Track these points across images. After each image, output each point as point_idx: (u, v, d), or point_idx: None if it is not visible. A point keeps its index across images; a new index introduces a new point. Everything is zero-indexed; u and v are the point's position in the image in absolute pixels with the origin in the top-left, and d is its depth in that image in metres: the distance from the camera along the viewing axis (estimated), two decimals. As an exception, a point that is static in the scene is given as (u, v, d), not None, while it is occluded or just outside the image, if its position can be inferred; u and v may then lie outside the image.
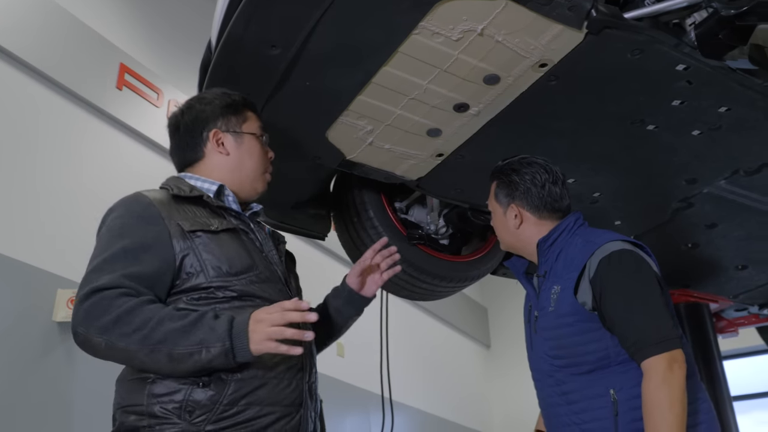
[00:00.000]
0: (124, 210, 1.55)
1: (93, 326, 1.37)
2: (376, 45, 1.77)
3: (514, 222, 1.98)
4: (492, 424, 9.39)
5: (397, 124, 2.08)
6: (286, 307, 1.39)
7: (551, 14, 1.66)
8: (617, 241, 1.78)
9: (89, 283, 1.41)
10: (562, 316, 1.82)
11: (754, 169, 2.33)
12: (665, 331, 1.66)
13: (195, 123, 1.73)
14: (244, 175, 1.72)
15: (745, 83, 1.91)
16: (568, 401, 1.83)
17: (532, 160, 1.98)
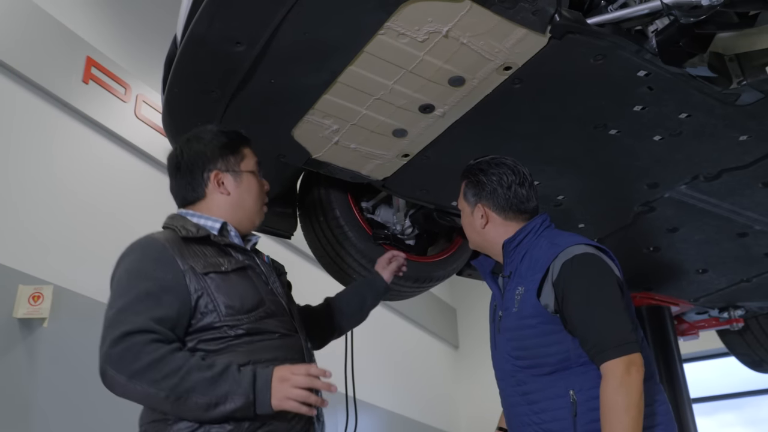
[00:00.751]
0: (141, 253, 1.63)
1: (125, 371, 1.45)
2: (342, 44, 1.77)
3: (480, 222, 1.99)
4: (459, 424, 9.44)
5: (363, 123, 2.09)
6: (312, 372, 1.50)
7: (515, 18, 1.68)
8: (581, 245, 1.80)
9: (119, 326, 1.49)
10: (525, 317, 1.83)
11: (714, 175, 2.37)
12: (624, 335, 1.68)
13: (195, 164, 1.77)
14: (245, 212, 1.80)
15: (704, 90, 1.95)
16: (529, 401, 1.84)
17: (501, 160, 1.98)
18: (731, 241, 2.81)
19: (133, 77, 5.03)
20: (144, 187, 5.05)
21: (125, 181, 4.90)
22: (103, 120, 4.70)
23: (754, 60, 1.97)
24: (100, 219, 4.59)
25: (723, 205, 2.55)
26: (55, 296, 3.96)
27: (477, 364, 9.70)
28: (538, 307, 1.79)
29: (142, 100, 5.05)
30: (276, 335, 1.63)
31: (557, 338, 1.78)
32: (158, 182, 5.18)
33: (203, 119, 2.03)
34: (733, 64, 1.98)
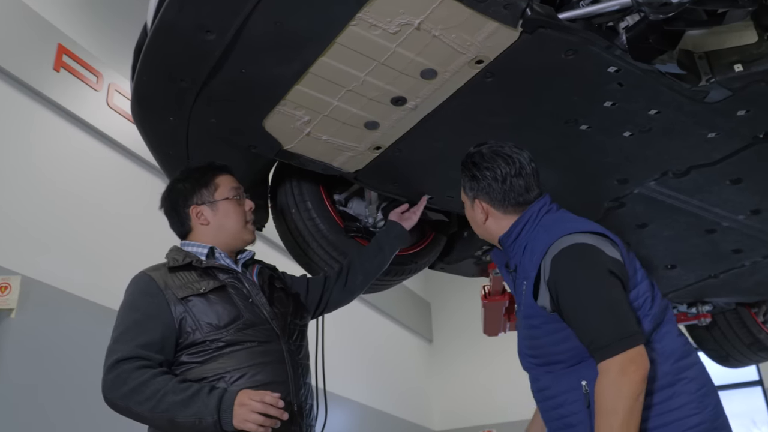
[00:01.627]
0: (134, 288, 1.93)
1: (117, 394, 1.74)
2: (314, 35, 1.76)
3: (480, 217, 1.96)
4: (432, 418, 9.48)
5: (335, 115, 2.07)
6: (267, 401, 1.70)
7: (487, 11, 1.68)
8: (570, 234, 1.74)
9: (112, 355, 1.78)
10: (529, 317, 1.82)
11: (683, 172, 2.40)
12: (619, 330, 1.61)
13: (177, 203, 2.09)
14: (228, 234, 2.06)
15: (673, 87, 1.97)
16: (545, 397, 1.84)
17: (496, 150, 1.91)
18: (700, 237, 2.84)
19: (106, 66, 4.96)
20: (116, 177, 5.00)
21: (96, 171, 4.84)
22: (74, 109, 4.64)
23: (723, 58, 1.99)
24: (70, 209, 4.53)
25: (692, 201, 2.58)
26: (23, 287, 3.90)
27: (451, 359, 9.75)
28: (536, 308, 1.77)
29: (115, 89, 4.99)
30: (255, 343, 1.88)
31: (564, 335, 1.74)
32: (130, 172, 5.13)
33: (172, 108, 2.01)
34: (703, 61, 1.99)
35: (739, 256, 3.01)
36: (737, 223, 2.73)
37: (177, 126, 2.09)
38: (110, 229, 4.79)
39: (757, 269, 3.13)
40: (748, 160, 2.32)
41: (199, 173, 2.10)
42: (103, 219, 4.75)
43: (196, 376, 1.81)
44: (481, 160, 1.92)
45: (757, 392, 7.99)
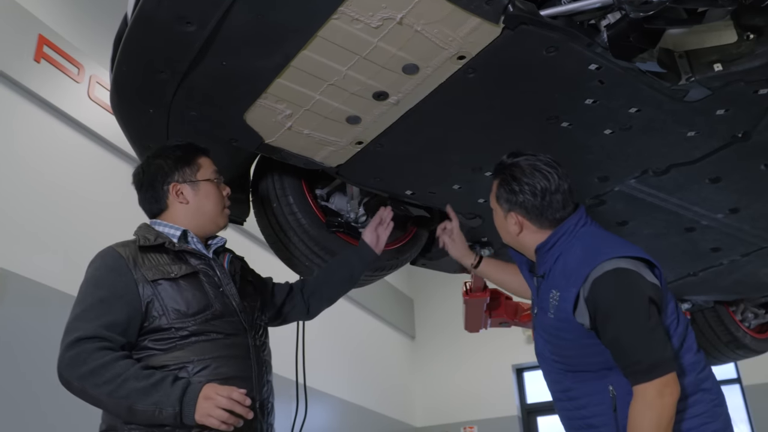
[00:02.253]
0: (100, 263, 1.84)
1: (73, 374, 1.65)
2: (295, 28, 1.75)
3: (514, 228, 2.00)
4: (414, 414, 9.50)
5: (317, 109, 2.07)
6: (235, 397, 1.65)
7: (469, 7, 1.68)
8: (613, 259, 1.79)
9: (73, 332, 1.69)
10: (561, 329, 1.87)
11: (663, 170, 2.41)
12: (656, 356, 1.70)
13: (155, 179, 1.99)
14: (206, 217, 2.00)
15: (654, 86, 1.98)
16: (569, 397, 1.90)
17: (535, 165, 1.95)
18: (679, 235, 2.86)
19: (87, 57, 4.92)
20: (96, 169, 4.95)
21: (77, 163, 4.80)
22: (54, 100, 4.59)
23: (703, 57, 2.00)
24: (50, 202, 4.49)
25: (671, 199, 2.59)
26: (1, 280, 3.86)
27: (433, 355, 9.78)
28: (573, 324, 1.82)
29: (96, 81, 4.95)
30: (221, 335, 1.82)
31: (596, 350, 1.81)
32: (111, 165, 5.09)
33: (152, 99, 1.99)
34: (683, 60, 2.01)
35: (717, 255, 3.04)
36: (716, 222, 2.75)
37: (157, 118, 2.08)
38: (91, 221, 4.74)
39: (735, 268, 3.16)
40: (727, 159, 2.34)
41: (181, 151, 2.03)
42: (84, 211, 4.71)
43: (157, 363, 1.73)
44: (521, 174, 1.95)
45: (735, 390, 8.07)
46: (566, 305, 1.82)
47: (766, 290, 3.56)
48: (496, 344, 8.82)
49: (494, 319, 3.67)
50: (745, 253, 3.04)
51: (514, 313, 3.71)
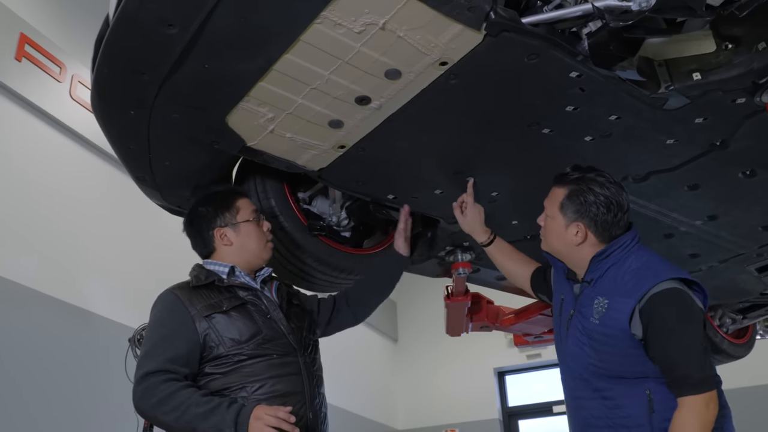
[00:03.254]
0: (161, 306, 2.08)
1: (146, 405, 1.90)
2: (278, 31, 1.75)
3: (575, 239, 2.05)
4: (396, 417, 9.50)
5: (299, 113, 2.07)
6: (281, 416, 1.82)
7: (451, 13, 1.68)
8: (669, 280, 1.89)
9: (142, 368, 1.94)
10: (609, 336, 1.93)
11: (642, 177, 2.44)
12: (705, 372, 1.82)
13: (201, 226, 2.23)
14: (250, 254, 2.22)
15: (633, 94, 2.00)
16: (603, 397, 1.97)
17: (609, 180, 2.04)
18: (658, 241, 2.89)
19: (69, 57, 4.88)
20: (77, 170, 4.92)
21: (58, 163, 4.76)
22: (35, 100, 4.55)
23: (682, 66, 2.03)
24: (29, 201, 4.44)
25: (650, 206, 2.62)
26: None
27: (415, 358, 9.78)
28: (627, 333, 1.90)
29: (78, 81, 4.91)
30: (274, 356, 2.04)
31: (638, 360, 1.90)
32: (92, 165, 5.05)
33: (133, 102, 1.98)
34: (662, 69, 2.03)
35: (696, 261, 3.07)
36: (694, 228, 2.78)
37: (138, 120, 2.06)
38: (70, 222, 4.71)
39: (713, 274, 3.20)
40: (705, 166, 2.37)
41: (220, 197, 2.26)
42: (63, 212, 4.67)
43: (219, 386, 1.97)
44: (599, 187, 2.02)
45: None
46: (618, 315, 1.90)
47: (743, 296, 3.59)
48: (478, 348, 8.83)
49: (475, 323, 3.67)
50: (723, 259, 3.08)
51: (495, 317, 3.72)
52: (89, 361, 4.52)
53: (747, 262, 3.11)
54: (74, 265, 4.67)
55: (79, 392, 4.41)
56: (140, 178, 2.44)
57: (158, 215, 2.94)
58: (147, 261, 5.17)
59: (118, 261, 5.00)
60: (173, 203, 2.58)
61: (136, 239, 5.19)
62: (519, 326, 3.81)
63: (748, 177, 2.44)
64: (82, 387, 4.43)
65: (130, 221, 5.11)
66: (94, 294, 4.76)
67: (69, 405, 4.31)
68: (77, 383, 4.41)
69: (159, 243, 5.18)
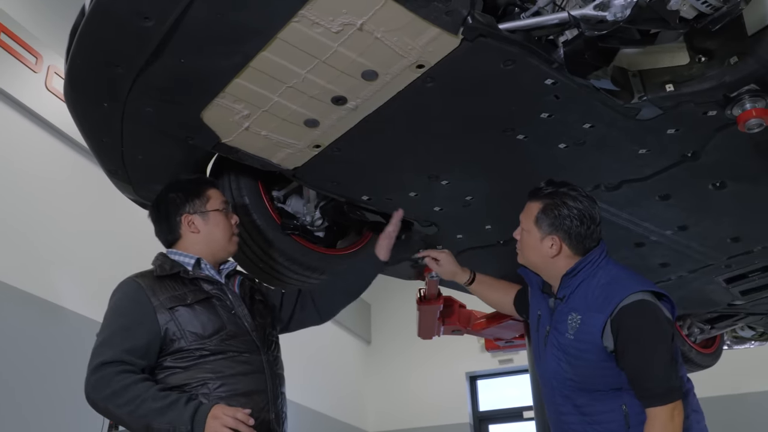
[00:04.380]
0: (122, 293, 2.01)
1: (98, 396, 1.82)
2: (255, 29, 1.74)
3: (550, 251, 2.10)
4: (367, 419, 9.49)
5: (275, 111, 2.06)
6: (239, 417, 1.78)
7: (429, 17, 1.69)
8: (638, 292, 1.95)
9: (98, 357, 1.86)
10: (583, 351, 1.98)
11: (614, 186, 2.46)
12: (671, 383, 1.88)
13: (168, 212, 2.17)
14: (216, 244, 2.17)
15: (607, 103, 2.02)
16: (582, 412, 2.02)
17: (581, 194, 2.09)
18: (629, 250, 2.92)
19: (46, 47, 4.82)
20: (52, 162, 4.85)
21: (32, 155, 4.69)
22: (11, 90, 4.49)
23: (656, 77, 2.06)
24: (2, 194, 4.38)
25: (622, 215, 2.65)
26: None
27: (388, 361, 9.78)
28: (600, 347, 1.95)
29: (54, 72, 4.85)
30: (236, 353, 1.98)
31: (612, 373, 1.96)
32: (68, 158, 4.99)
33: (106, 94, 1.96)
34: (636, 79, 2.06)
35: (666, 270, 3.11)
36: (665, 238, 2.82)
37: (111, 113, 2.04)
38: (43, 214, 4.64)
39: (683, 283, 3.24)
40: (676, 177, 2.40)
41: (191, 184, 2.22)
42: (36, 204, 4.61)
43: (179, 381, 1.91)
44: (572, 201, 2.07)
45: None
46: (592, 329, 1.96)
47: (711, 306, 3.65)
48: (450, 352, 8.86)
49: (447, 326, 3.69)
50: (692, 269, 3.12)
51: (467, 321, 3.74)
52: (56, 356, 4.46)
53: (716, 272, 3.16)
54: (44, 258, 4.60)
55: (46, 387, 4.35)
56: (112, 171, 2.41)
57: (131, 209, 2.91)
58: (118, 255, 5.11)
59: (89, 254, 4.94)
60: (145, 198, 2.55)
61: (108, 233, 5.13)
62: (490, 330, 3.83)
63: (718, 189, 2.47)
64: (49, 382, 4.37)
65: (103, 215, 5.05)
66: (62, 287, 4.70)
67: (34, 399, 4.25)
68: (44, 377, 4.35)
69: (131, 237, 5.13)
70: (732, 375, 6.78)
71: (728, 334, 4.51)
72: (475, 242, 2.88)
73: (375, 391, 9.73)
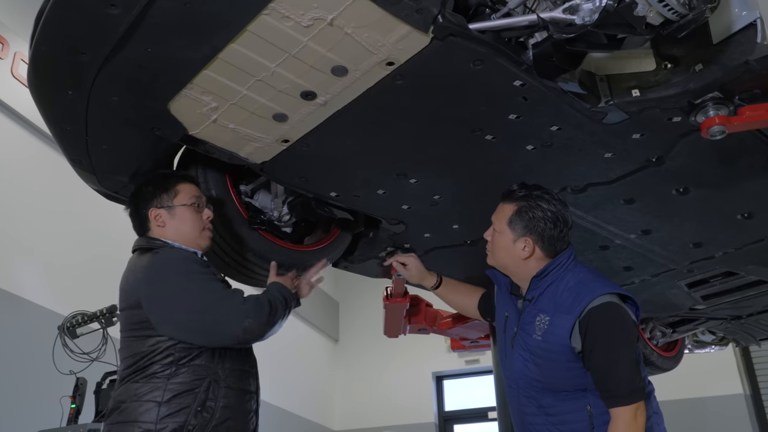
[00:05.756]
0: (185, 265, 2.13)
1: (263, 317, 2.11)
2: (225, 20, 1.72)
3: (523, 253, 2.12)
4: (333, 417, 9.47)
5: (243, 104, 2.04)
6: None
7: (399, 14, 1.69)
8: (607, 294, 2.00)
9: (233, 298, 2.10)
10: (550, 352, 2.01)
11: (580, 188, 2.49)
12: (635, 384, 1.92)
13: (138, 205, 2.24)
14: (183, 239, 2.20)
15: (575, 106, 2.03)
16: (547, 413, 2.05)
17: (554, 198, 2.13)
18: (594, 252, 2.95)
19: (12, 33, 4.73)
20: (18, 152, 4.76)
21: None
22: (-26, 74, 4.39)
23: (623, 82, 2.08)
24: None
25: (587, 217, 2.68)
26: None
27: (355, 359, 9.77)
28: (568, 348, 1.98)
29: (21, 59, 4.76)
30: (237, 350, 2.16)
31: (578, 374, 2.00)
32: (34, 147, 4.90)
33: (71, 82, 1.93)
34: (603, 84, 2.08)
35: (629, 274, 3.16)
36: (629, 242, 2.86)
37: (76, 101, 2.00)
38: (11, 207, 4.56)
39: (645, 287, 3.29)
40: (641, 181, 2.44)
41: (162, 178, 2.27)
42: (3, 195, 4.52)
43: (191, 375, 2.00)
44: (547, 204, 2.10)
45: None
46: (560, 330, 1.99)
47: (673, 310, 3.71)
48: (417, 351, 8.88)
49: (413, 325, 3.69)
50: (655, 273, 3.17)
51: (434, 320, 3.75)
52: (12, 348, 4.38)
53: (678, 277, 3.21)
54: (5, 247, 4.51)
55: (5, 378, 4.27)
56: (76, 161, 2.37)
57: (95, 200, 2.87)
58: (80, 246, 5.03)
59: (51, 245, 4.85)
60: (110, 188, 2.51)
61: (70, 224, 5.04)
62: (456, 330, 3.85)
63: (682, 194, 2.51)
64: (4, 374, 4.29)
65: (66, 205, 4.97)
66: (22, 278, 4.61)
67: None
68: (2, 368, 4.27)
69: (93, 228, 5.06)
70: (692, 379, 6.90)
71: (689, 338, 4.59)
72: (443, 241, 2.89)
73: (341, 390, 9.71)
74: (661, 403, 2.18)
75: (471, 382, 9.30)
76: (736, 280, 3.28)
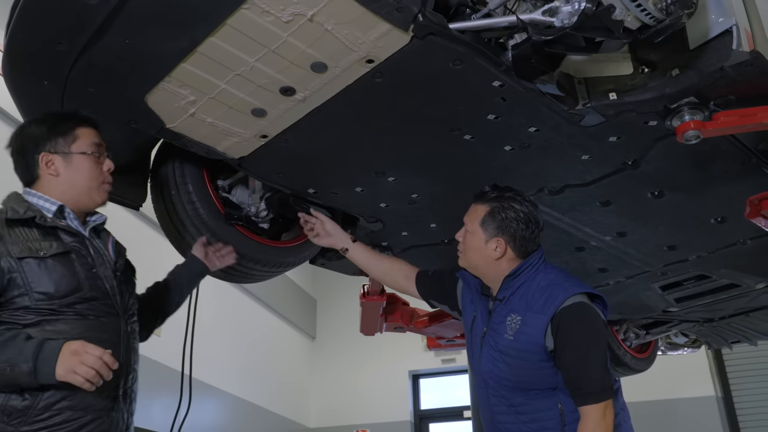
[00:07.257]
0: None
1: None
2: (204, 13, 1.71)
3: (495, 254, 2.13)
4: (308, 415, 9.46)
5: (222, 98, 2.03)
6: (105, 359, 1.62)
7: (380, 12, 1.69)
8: (579, 294, 2.03)
9: None
10: (522, 351, 2.03)
11: (557, 190, 2.50)
12: (604, 383, 1.95)
13: (26, 146, 1.91)
14: (78, 192, 1.90)
15: (552, 108, 2.05)
16: (517, 412, 2.06)
17: (525, 199, 2.14)
18: (570, 254, 2.97)
19: (-11, 21, 4.65)
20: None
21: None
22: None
23: (600, 85, 2.10)
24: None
25: (564, 219, 2.70)
26: None
27: (332, 357, 9.76)
28: (541, 347, 2.01)
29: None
30: (91, 317, 1.77)
31: (550, 371, 2.03)
32: (7, 137, 4.83)
33: (47, 72, 1.91)
34: (581, 86, 2.09)
35: (604, 275, 3.19)
36: (604, 244, 2.88)
37: (51, 91, 1.98)
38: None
39: (620, 289, 3.32)
40: (617, 184, 2.46)
41: (58, 119, 1.94)
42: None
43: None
44: (519, 205, 2.12)
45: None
46: (533, 330, 2.01)
47: (647, 312, 3.75)
48: (394, 350, 8.90)
49: (390, 323, 3.71)
50: (629, 275, 3.20)
51: (410, 318, 3.76)
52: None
53: (652, 279, 3.25)
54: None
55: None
56: (51, 151, 2.34)
57: None
58: None
59: None
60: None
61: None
62: (432, 329, 3.86)
63: (656, 197, 2.54)
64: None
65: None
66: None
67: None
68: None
69: None
70: (664, 381, 6.99)
71: (662, 340, 4.65)
72: (420, 240, 2.89)
73: (318, 387, 9.70)
74: (633, 404, 2.22)
75: (447, 381, 9.34)
76: (709, 283, 3.32)
